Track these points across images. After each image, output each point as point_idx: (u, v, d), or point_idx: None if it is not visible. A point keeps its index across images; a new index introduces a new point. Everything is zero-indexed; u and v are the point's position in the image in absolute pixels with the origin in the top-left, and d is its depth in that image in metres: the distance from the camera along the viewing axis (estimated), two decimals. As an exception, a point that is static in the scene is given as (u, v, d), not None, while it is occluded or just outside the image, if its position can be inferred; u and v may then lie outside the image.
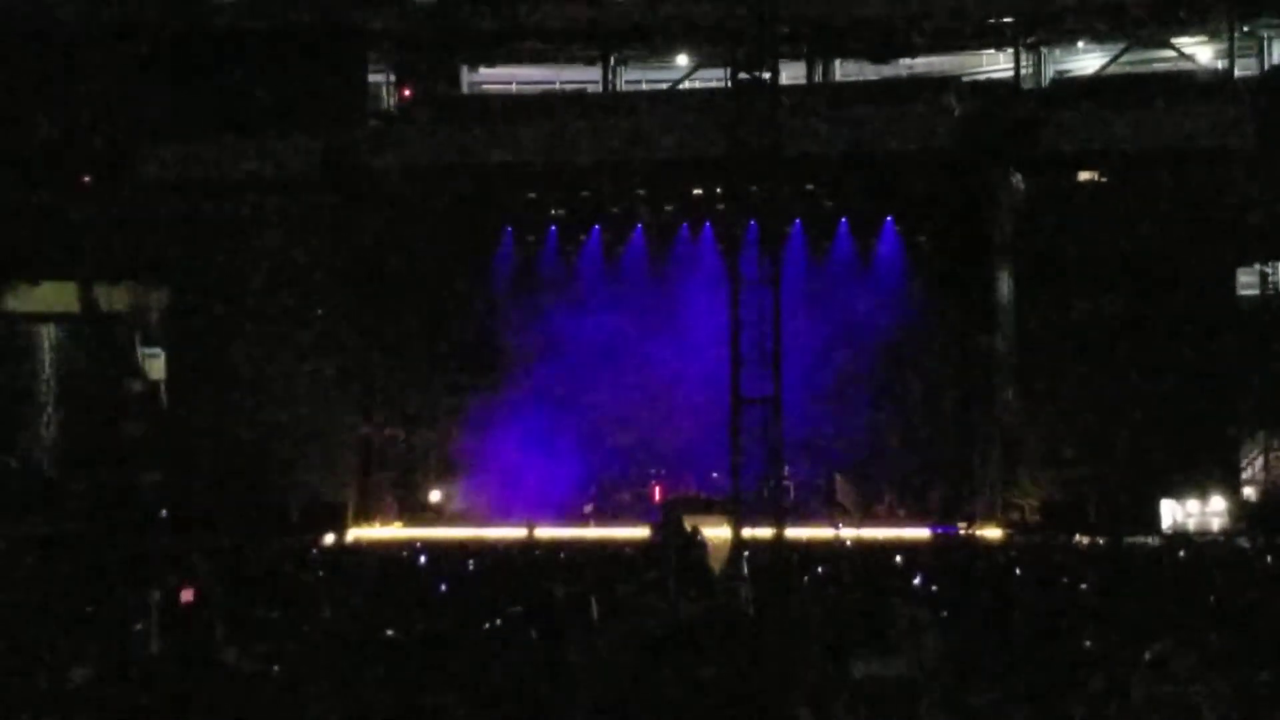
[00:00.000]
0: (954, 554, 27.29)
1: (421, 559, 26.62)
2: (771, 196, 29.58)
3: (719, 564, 22.90)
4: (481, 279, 38.41)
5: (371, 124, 39.40)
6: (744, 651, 13.01)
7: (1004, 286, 35.90)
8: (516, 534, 32.21)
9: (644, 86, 41.81)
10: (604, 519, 34.94)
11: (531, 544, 30.51)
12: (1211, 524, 33.67)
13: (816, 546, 28.12)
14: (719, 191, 35.98)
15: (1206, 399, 34.36)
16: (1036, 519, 33.88)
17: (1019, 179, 36.03)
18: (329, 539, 32.99)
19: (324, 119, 37.41)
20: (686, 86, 40.79)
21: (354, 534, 34.71)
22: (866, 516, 34.83)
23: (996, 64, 40.56)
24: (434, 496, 37.96)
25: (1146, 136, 35.18)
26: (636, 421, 37.10)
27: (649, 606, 17.28)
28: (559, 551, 28.13)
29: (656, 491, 35.80)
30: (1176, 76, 38.62)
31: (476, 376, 37.84)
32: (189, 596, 17.31)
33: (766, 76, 28.38)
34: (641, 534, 29.10)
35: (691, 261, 37.40)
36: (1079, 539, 31.00)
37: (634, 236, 38.47)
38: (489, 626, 16.40)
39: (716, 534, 25.32)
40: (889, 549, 27.70)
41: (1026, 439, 35.24)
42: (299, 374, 36.19)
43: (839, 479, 35.85)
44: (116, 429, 38.29)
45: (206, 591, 18.30)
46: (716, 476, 33.64)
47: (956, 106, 36.53)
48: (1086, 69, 40.19)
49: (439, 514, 37.33)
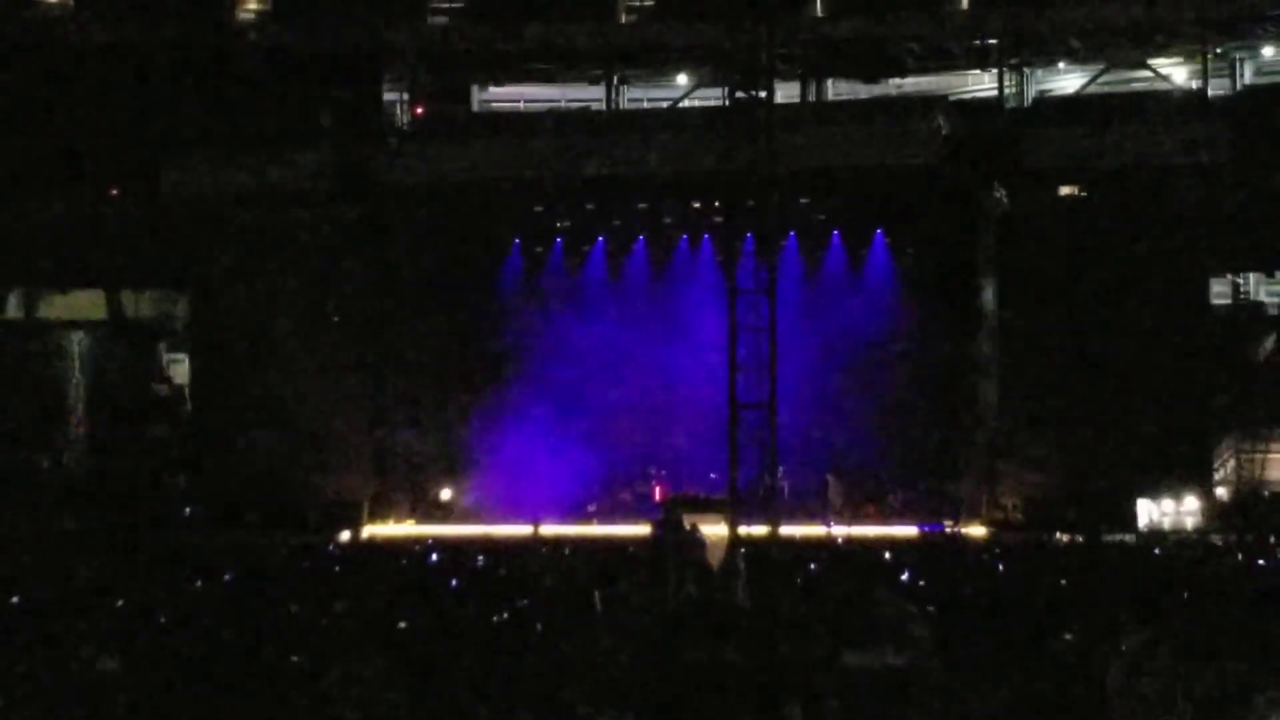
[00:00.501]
0: (940, 551, 27.29)
1: (432, 555, 26.62)
2: (767, 210, 29.58)
3: (716, 560, 22.85)
4: (490, 288, 38.39)
5: (387, 140, 39.44)
6: (740, 641, 13.00)
7: (988, 295, 35.94)
8: (523, 531, 32.23)
9: (645, 105, 41.84)
10: (607, 517, 34.90)
11: (537, 540, 30.51)
12: (1185, 522, 33.68)
13: (809, 543, 28.12)
14: (717, 205, 35.99)
15: (1180, 403, 34.39)
16: (1019, 517, 33.90)
17: (1002, 193, 36.06)
18: (345, 536, 33.01)
19: (341, 135, 37.50)
20: (686, 105, 40.81)
21: (368, 531, 34.72)
22: (856, 515, 34.82)
23: (981, 84, 40.58)
24: (444, 495, 37.94)
25: (1124, 153, 35.22)
26: (638, 424, 37.06)
27: (650, 600, 17.26)
28: (564, 547, 28.14)
29: (657, 491, 35.75)
30: (1153, 96, 38.66)
31: (485, 381, 37.81)
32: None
33: (762, 95, 28.41)
34: (643, 531, 29.04)
35: (691, 272, 37.41)
36: (1059, 537, 31.01)
37: (636, 247, 38.47)
38: (497, 619, 16.40)
39: (714, 531, 25.29)
40: (878, 546, 27.70)
41: (1009, 441, 35.28)
42: (316, 379, 36.21)
43: (830, 479, 35.82)
44: (143, 431, 38.32)
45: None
46: (714, 477, 33.59)
47: (943, 124, 36.54)
48: (1067, 89, 40.22)
49: (449, 512, 37.29)
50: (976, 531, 32.83)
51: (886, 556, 24.82)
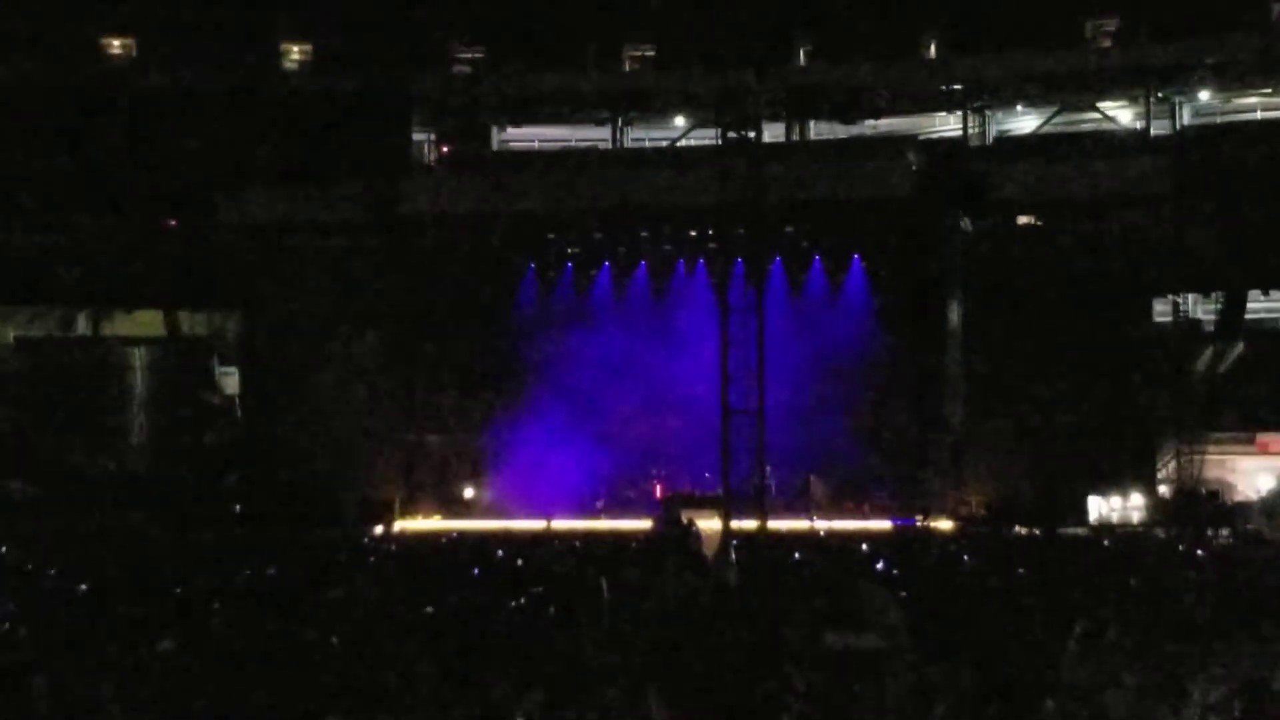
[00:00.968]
0: (912, 543, 27.24)
1: (457, 546, 26.59)
2: (756, 237, 29.62)
3: (711, 550, 22.86)
4: (508, 307, 38.37)
5: (415, 176, 39.48)
6: (733, 624, 13.00)
7: (954, 314, 35.93)
8: (537, 525, 32.17)
9: (647, 144, 41.88)
10: (612, 512, 34.84)
11: (550, 533, 30.47)
12: (1132, 517, 33.63)
13: (794, 536, 28.09)
14: (711, 233, 35.98)
15: (1127, 410, 34.39)
16: (982, 513, 33.84)
17: (967, 222, 36.09)
18: (378, 530, 32.95)
19: (374, 171, 37.51)
20: (683, 144, 40.86)
21: (400, 526, 34.67)
22: (837, 510, 34.77)
23: (947, 125, 40.66)
24: (467, 493, 37.89)
25: (1076, 186, 35.26)
26: (640, 429, 37.01)
27: (651, 586, 17.25)
28: (574, 540, 28.07)
29: (658, 489, 35.72)
30: (1102, 135, 38.75)
31: (503, 391, 37.76)
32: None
33: (751, 135, 28.45)
34: (645, 525, 29.06)
35: (687, 292, 37.38)
36: (1018, 530, 30.95)
37: (638, 271, 38.42)
38: (514, 604, 16.37)
39: (709, 525, 25.31)
40: (856, 538, 27.63)
41: (973, 445, 35.26)
42: (353, 389, 36.21)
43: (813, 479, 35.77)
44: (198, 436, 38.32)
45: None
46: (709, 476, 33.61)
47: (913, 161, 36.58)
48: (1024, 129, 40.27)
49: (472, 508, 37.27)
50: (944, 525, 32.77)
51: (864, 548, 24.77)
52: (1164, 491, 35.22)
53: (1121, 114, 39.61)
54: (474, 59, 40.36)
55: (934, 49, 38.99)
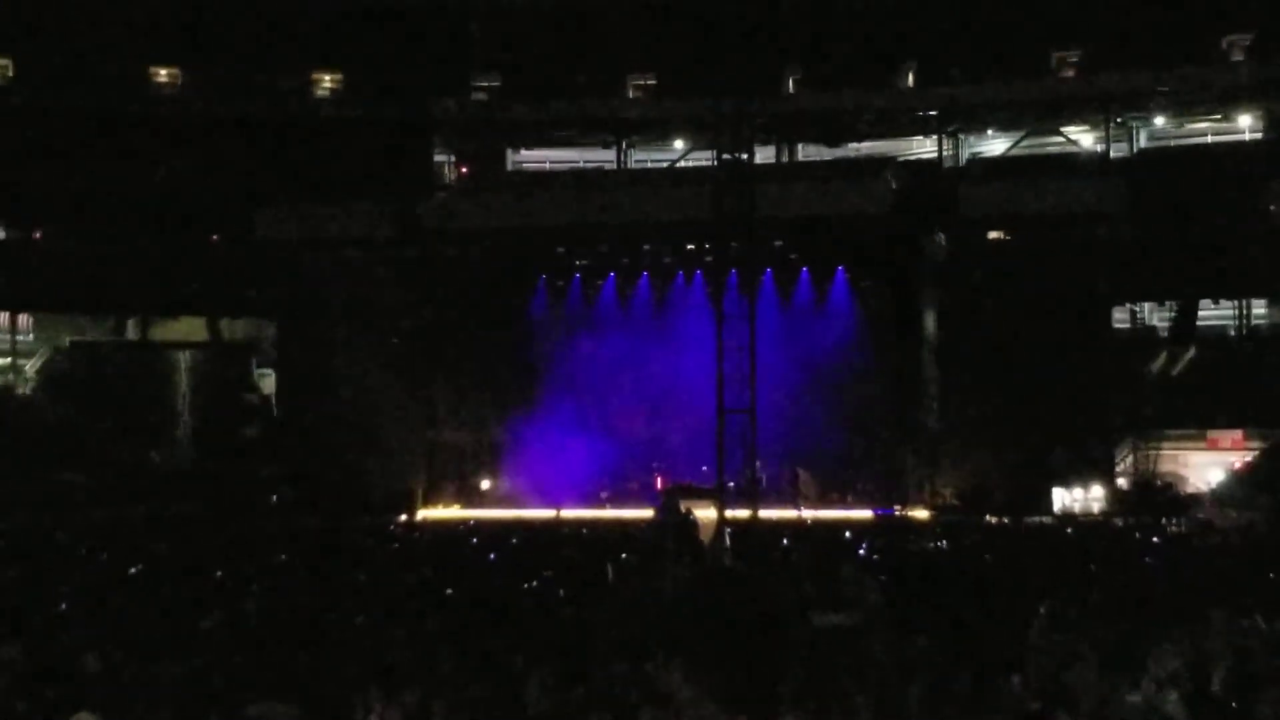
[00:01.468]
0: (891, 530, 27.24)
1: (474, 534, 26.61)
2: (748, 251, 29.58)
3: (708, 538, 22.84)
4: (521, 314, 38.38)
5: (436, 194, 39.50)
6: (728, 605, 13.00)
7: (929, 321, 35.92)
8: (547, 514, 32.18)
9: (649, 165, 41.91)
10: (617, 502, 34.84)
11: (559, 522, 30.47)
12: (1093, 507, 33.61)
13: (783, 524, 28.09)
14: (707, 247, 35.94)
15: (1088, 409, 34.35)
16: (955, 503, 33.82)
17: (942, 238, 36.09)
18: (402, 518, 32.97)
19: (399, 190, 37.54)
20: (682, 165, 40.87)
21: (422, 514, 34.68)
22: (822, 501, 34.75)
23: (924, 147, 40.69)
24: (484, 485, 37.90)
25: (1042, 203, 35.23)
26: (643, 426, 37.04)
27: (652, 571, 17.26)
28: (581, 528, 28.11)
29: (658, 481, 35.66)
30: (1065, 157, 38.74)
31: (517, 391, 37.76)
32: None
33: (744, 157, 28.42)
34: (647, 514, 29.01)
35: (686, 301, 37.33)
36: (988, 518, 30.94)
37: (641, 281, 38.44)
38: (526, 587, 16.38)
39: (705, 514, 25.23)
40: (839, 526, 27.68)
41: (946, 441, 35.24)
42: (379, 389, 36.18)
43: (801, 472, 35.74)
44: (237, 432, 38.34)
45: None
46: (705, 469, 33.47)
47: (892, 181, 36.58)
48: (995, 151, 40.27)
49: (488, 498, 37.27)
50: (920, 515, 32.77)
51: (846, 535, 24.81)
52: (1122, 484, 35.22)
53: (1083, 137, 39.62)
54: (491, 87, 40.41)
55: (911, 78, 38.99)
